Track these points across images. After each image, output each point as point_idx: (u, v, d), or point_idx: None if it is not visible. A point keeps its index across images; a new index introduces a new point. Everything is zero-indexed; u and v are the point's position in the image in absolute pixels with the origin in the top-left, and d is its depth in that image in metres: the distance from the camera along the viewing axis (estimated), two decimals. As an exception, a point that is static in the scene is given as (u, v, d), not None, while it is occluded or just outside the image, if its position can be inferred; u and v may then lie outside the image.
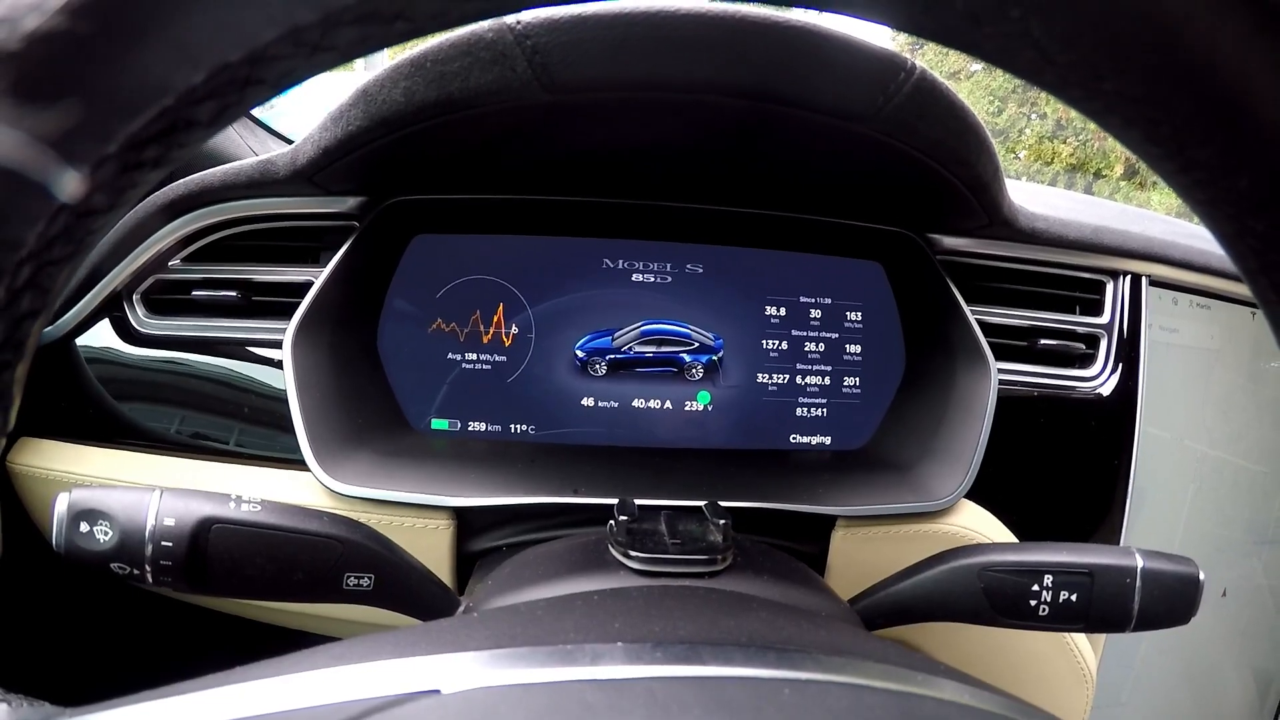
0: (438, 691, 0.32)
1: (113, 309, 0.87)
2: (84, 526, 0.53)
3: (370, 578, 0.59)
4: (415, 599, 0.62)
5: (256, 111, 1.32)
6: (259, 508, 0.56)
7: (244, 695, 0.32)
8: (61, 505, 0.54)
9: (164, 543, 0.53)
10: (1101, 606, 0.62)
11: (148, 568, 0.53)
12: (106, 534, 0.53)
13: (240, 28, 0.23)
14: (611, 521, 0.67)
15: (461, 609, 0.64)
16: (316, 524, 0.57)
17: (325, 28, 0.24)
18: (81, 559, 0.53)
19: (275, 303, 0.85)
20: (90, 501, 0.53)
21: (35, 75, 0.23)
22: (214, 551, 0.54)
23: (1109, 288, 0.96)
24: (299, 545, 0.56)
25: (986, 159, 0.72)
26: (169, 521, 0.53)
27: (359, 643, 0.38)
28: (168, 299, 0.87)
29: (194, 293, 0.86)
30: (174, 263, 0.86)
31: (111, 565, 0.53)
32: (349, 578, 0.58)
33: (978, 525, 0.85)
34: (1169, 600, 0.63)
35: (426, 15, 0.26)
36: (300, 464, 0.78)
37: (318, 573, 0.57)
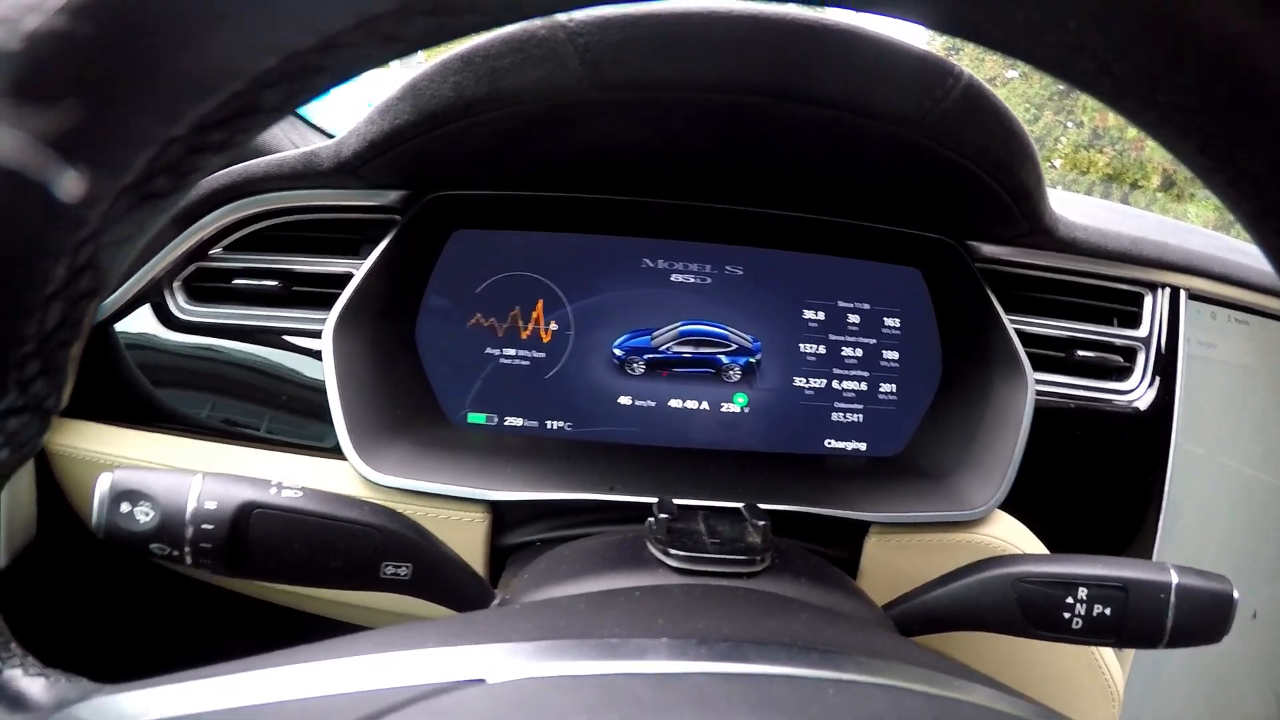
0: (483, 680, 0.33)
1: (153, 295, 0.88)
2: (125, 507, 0.53)
3: (408, 567, 0.59)
4: (451, 590, 0.62)
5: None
6: (300, 494, 0.57)
7: (286, 678, 0.33)
8: (104, 485, 0.54)
9: (204, 525, 0.53)
10: (1135, 621, 0.62)
11: (187, 550, 0.53)
12: (148, 515, 0.53)
13: (316, 14, 0.23)
14: (651, 519, 0.67)
15: (496, 602, 0.65)
16: (356, 512, 0.58)
17: (399, 17, 0.24)
18: (121, 539, 0.53)
19: (315, 293, 0.86)
20: (132, 482, 0.53)
21: (109, 57, 0.23)
22: (254, 536, 0.55)
23: (1148, 300, 0.95)
24: (338, 532, 0.57)
25: (1030, 167, 0.72)
26: (210, 505, 0.54)
27: (402, 630, 0.38)
28: (208, 287, 0.88)
29: (235, 281, 0.86)
30: (215, 251, 0.87)
31: (151, 546, 0.53)
32: (386, 566, 0.58)
33: (1011, 536, 0.84)
34: (1202, 617, 0.62)
35: (499, 8, 0.26)
36: (336, 453, 0.78)
37: (356, 560, 0.57)
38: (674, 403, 0.93)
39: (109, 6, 0.22)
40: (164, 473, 0.55)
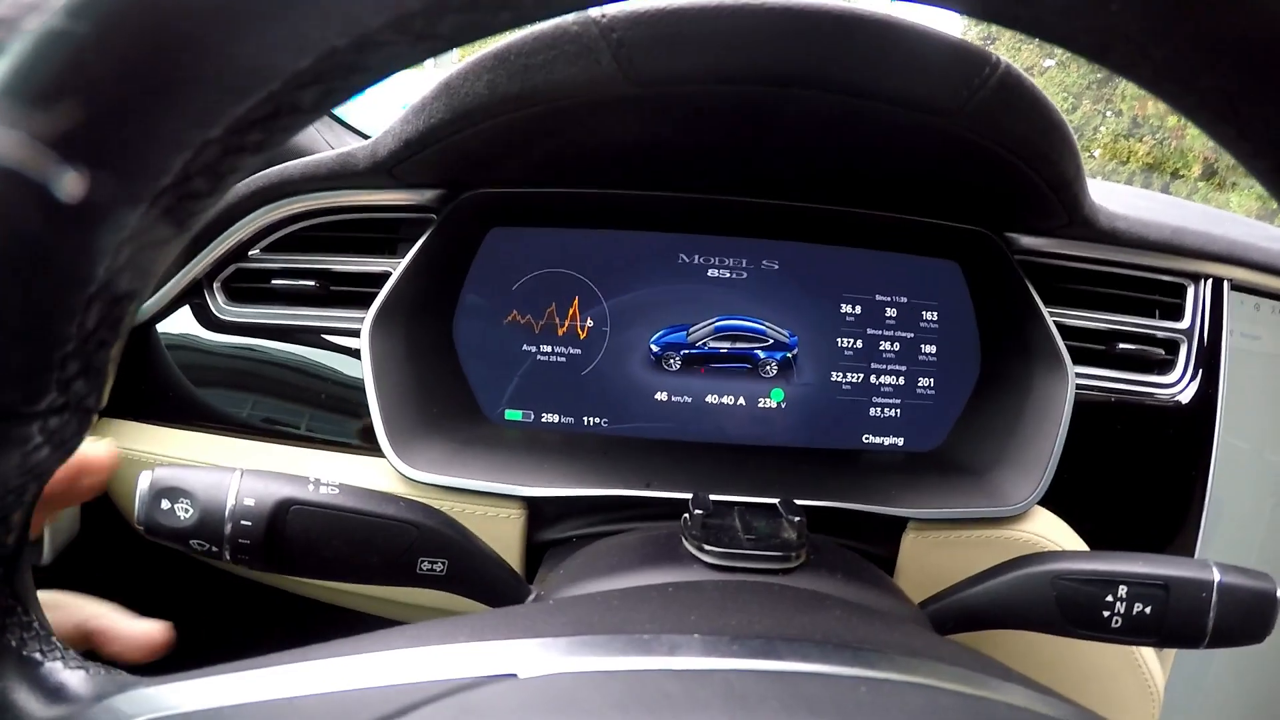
0: (515, 675, 0.33)
1: (193, 296, 0.89)
2: (165, 504, 0.54)
3: (444, 563, 0.59)
4: (487, 585, 0.62)
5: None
6: (337, 491, 0.57)
7: (321, 671, 0.33)
8: (144, 482, 0.55)
9: (243, 522, 0.54)
10: (1176, 620, 0.60)
11: (226, 546, 0.54)
12: (187, 512, 0.54)
13: (350, 13, 0.24)
14: (686, 515, 0.67)
15: (532, 597, 0.65)
16: (393, 508, 0.58)
17: (432, 15, 0.24)
18: (161, 535, 0.54)
19: (353, 292, 0.86)
20: (173, 480, 0.54)
21: (147, 61, 0.23)
22: (291, 532, 0.55)
23: (1190, 291, 0.93)
24: (375, 528, 0.57)
25: (1069, 156, 0.71)
26: (249, 502, 0.54)
27: (436, 625, 0.38)
28: (247, 287, 0.89)
29: (273, 281, 0.87)
30: (254, 252, 0.88)
31: (191, 542, 0.54)
32: (423, 562, 0.59)
33: (1051, 533, 0.83)
34: (1245, 617, 0.61)
35: (531, 4, 0.26)
36: (373, 450, 0.79)
37: (392, 556, 0.58)
38: (710, 398, 0.93)
39: (145, 10, 0.23)
40: (204, 470, 0.55)
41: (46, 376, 0.27)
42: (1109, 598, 0.61)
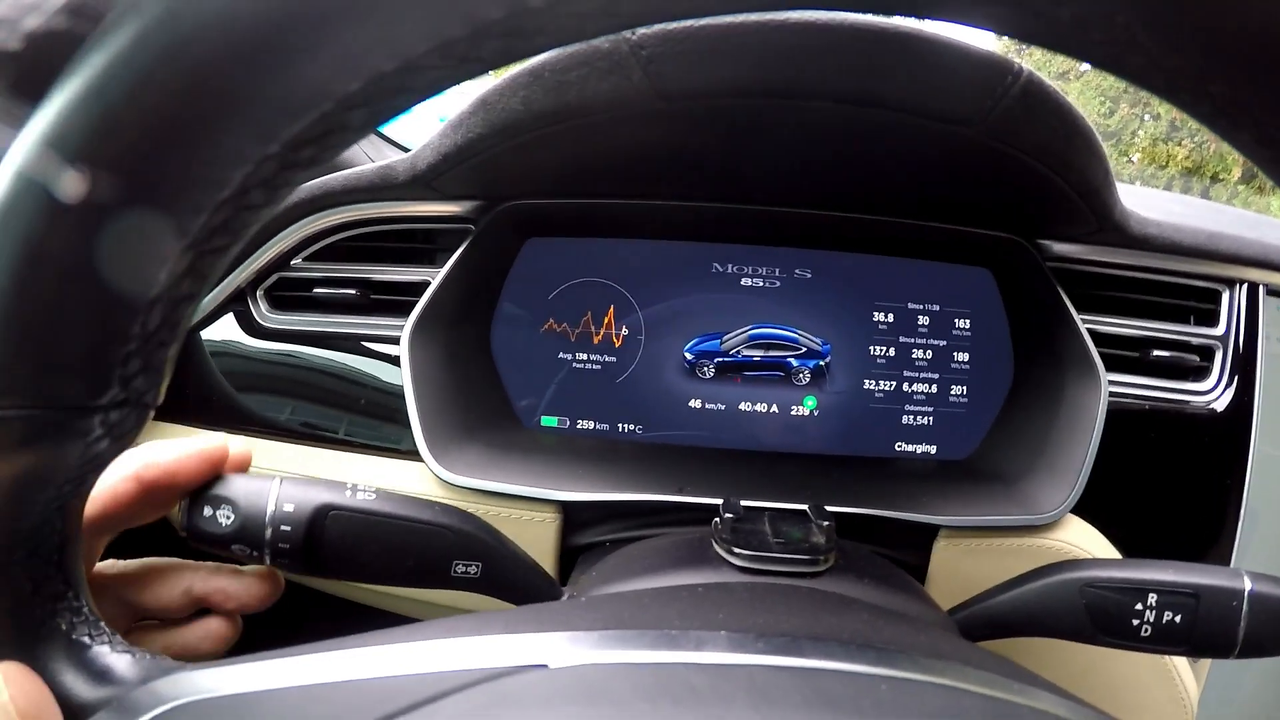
0: (545, 666, 0.34)
1: (237, 303, 0.91)
2: (207, 511, 0.54)
3: (478, 566, 0.60)
4: (520, 588, 0.63)
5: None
6: (374, 496, 0.58)
7: (357, 659, 0.34)
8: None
9: (283, 527, 0.55)
10: (1206, 629, 0.59)
11: (267, 550, 0.55)
12: (229, 518, 0.54)
13: (397, 41, 0.25)
14: (716, 519, 0.68)
15: (565, 598, 0.66)
16: (429, 513, 0.59)
17: (473, 41, 0.26)
18: (205, 540, 0.55)
19: (393, 301, 0.88)
20: (215, 487, 0.55)
21: (217, 82, 0.25)
22: (330, 537, 0.56)
23: (1225, 297, 0.92)
24: (411, 533, 0.58)
25: (1096, 163, 0.71)
26: (288, 508, 0.55)
27: (469, 619, 0.39)
28: (290, 295, 0.91)
29: (315, 290, 0.89)
30: (296, 261, 0.90)
31: (233, 547, 0.55)
32: (457, 565, 0.59)
33: (1084, 542, 0.82)
34: (1277, 627, 0.60)
35: (564, 31, 0.27)
36: (412, 455, 0.81)
37: (428, 560, 0.59)
38: (744, 406, 0.94)
39: (219, 37, 0.25)
40: (244, 478, 0.56)
41: (110, 373, 0.30)
42: (1138, 606, 0.60)
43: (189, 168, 0.27)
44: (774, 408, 0.94)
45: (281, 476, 0.57)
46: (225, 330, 0.92)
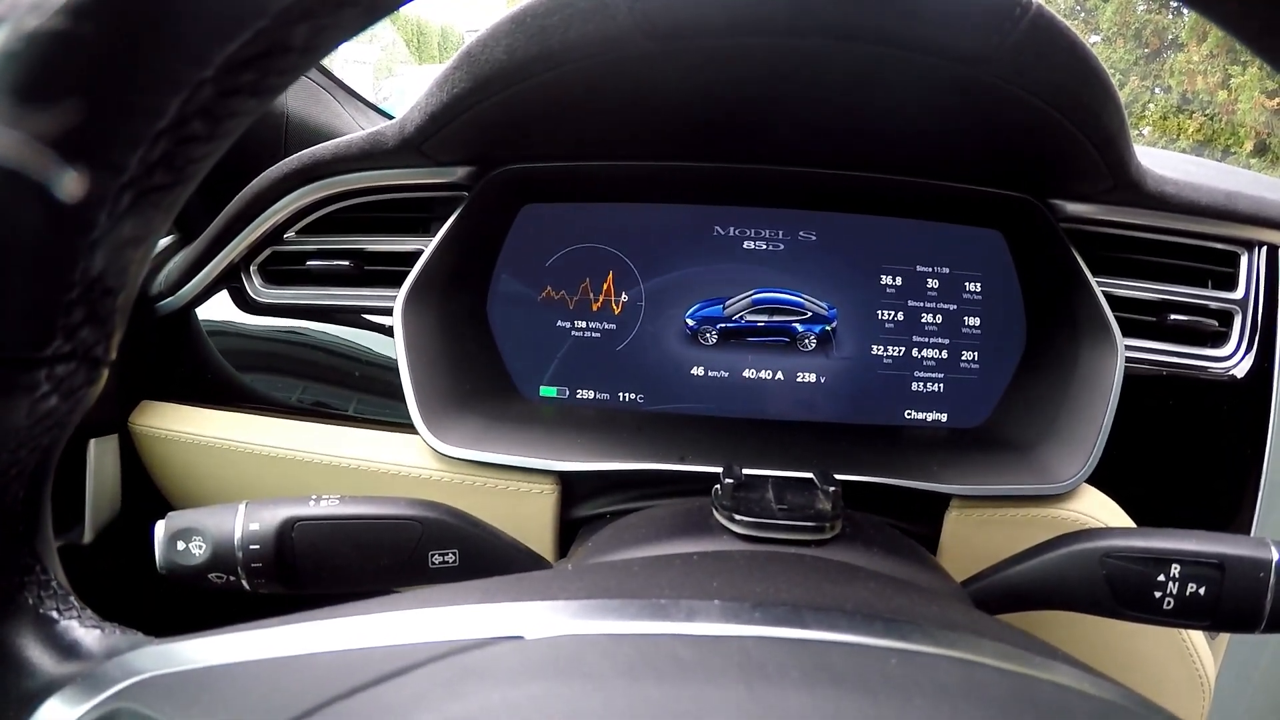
0: (520, 638, 0.32)
1: (230, 280, 0.91)
2: (180, 545, 0.56)
3: (455, 553, 0.60)
4: (504, 569, 0.62)
5: (370, 97, 1.36)
6: (337, 501, 0.59)
7: (327, 630, 0.33)
8: (160, 529, 0.57)
9: (252, 546, 0.56)
10: (1231, 602, 0.57)
11: (241, 572, 0.56)
12: (200, 548, 0.56)
13: None
14: (717, 486, 0.66)
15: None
16: (393, 508, 0.59)
17: None
18: (181, 575, 0.56)
19: (387, 271, 0.87)
20: (184, 521, 0.56)
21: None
22: (300, 548, 0.57)
23: (1244, 259, 0.89)
24: (379, 530, 0.59)
25: (1112, 107, 0.68)
26: (254, 527, 0.56)
27: (446, 589, 0.38)
28: (283, 270, 0.90)
29: (308, 263, 0.88)
30: (289, 235, 0.90)
31: (209, 576, 0.56)
32: (434, 555, 0.60)
33: (1099, 512, 0.80)
34: None
35: None
36: (408, 427, 0.79)
37: (402, 554, 0.59)
38: (748, 373, 0.92)
39: None
40: (211, 509, 0.57)
41: (52, 322, 0.28)
42: (1161, 577, 0.58)
43: (118, 94, 0.25)
44: (779, 375, 0.92)
45: (246, 502, 0.58)
46: (220, 308, 0.92)
